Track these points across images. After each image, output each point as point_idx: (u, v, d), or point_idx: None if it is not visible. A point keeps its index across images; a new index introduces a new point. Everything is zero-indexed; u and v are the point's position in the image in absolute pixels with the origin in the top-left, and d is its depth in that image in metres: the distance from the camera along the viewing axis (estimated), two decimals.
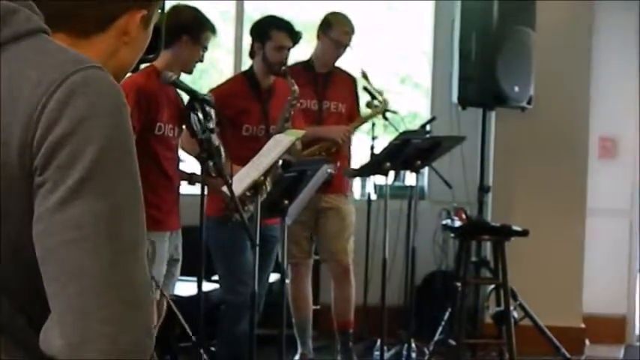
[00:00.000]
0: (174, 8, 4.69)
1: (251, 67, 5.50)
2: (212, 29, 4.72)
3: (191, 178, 4.79)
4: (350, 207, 6.06)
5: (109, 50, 1.54)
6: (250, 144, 5.10)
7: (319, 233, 6.03)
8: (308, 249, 6.05)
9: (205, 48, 4.68)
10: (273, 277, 5.79)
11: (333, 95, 6.03)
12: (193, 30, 4.60)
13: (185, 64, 4.62)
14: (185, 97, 4.59)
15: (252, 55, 5.49)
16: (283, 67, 5.33)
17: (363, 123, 6.13)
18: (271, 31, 5.36)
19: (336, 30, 5.98)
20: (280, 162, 4.76)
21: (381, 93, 6.05)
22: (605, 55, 7.13)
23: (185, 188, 4.81)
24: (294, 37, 5.40)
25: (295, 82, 5.39)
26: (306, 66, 6.03)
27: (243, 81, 5.48)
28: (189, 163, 5.03)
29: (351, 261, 6.08)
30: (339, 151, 5.91)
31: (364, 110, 6.11)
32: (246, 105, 5.36)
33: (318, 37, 6.05)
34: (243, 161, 4.69)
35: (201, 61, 4.69)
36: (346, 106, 6.06)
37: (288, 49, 5.39)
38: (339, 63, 6.11)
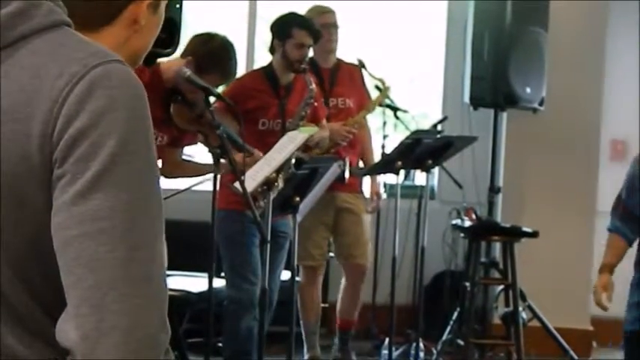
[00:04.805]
0: None
1: (270, 64, 5.50)
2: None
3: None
4: (365, 206, 6.05)
5: (120, 40, 1.55)
6: (266, 138, 5.11)
7: (339, 235, 5.99)
8: (327, 251, 6.04)
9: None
10: (284, 274, 5.79)
11: (339, 91, 5.98)
12: None
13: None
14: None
15: (271, 51, 5.49)
16: (303, 65, 5.34)
17: (366, 114, 6.01)
18: (292, 29, 5.36)
19: (316, 19, 5.94)
20: (293, 160, 4.76)
21: (381, 80, 6.01)
22: (618, 56, 7.12)
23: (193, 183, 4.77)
24: (315, 34, 5.42)
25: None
26: (310, 63, 6.00)
27: (262, 77, 5.48)
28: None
29: (369, 264, 6.09)
30: (351, 148, 5.88)
31: (368, 104, 6.05)
32: (263, 101, 5.36)
33: None
34: None
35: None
36: (354, 99, 6.01)
37: (309, 47, 5.40)
38: (342, 55, 6.10)
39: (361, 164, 6.14)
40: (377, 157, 6.17)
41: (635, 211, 4.20)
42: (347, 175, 5.62)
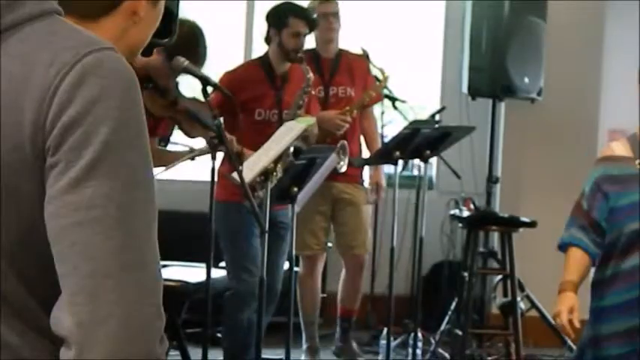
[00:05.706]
0: None
1: (266, 54, 5.51)
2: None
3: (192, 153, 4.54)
4: (365, 196, 6.04)
5: (119, 31, 1.55)
6: (263, 128, 5.11)
7: (338, 226, 6.01)
8: (325, 241, 6.04)
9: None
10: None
11: (340, 80, 5.98)
12: None
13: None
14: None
15: (267, 41, 5.49)
16: (299, 54, 5.34)
17: (364, 104, 5.96)
18: (288, 18, 5.37)
19: (317, 7, 5.92)
20: (292, 149, 4.76)
21: (381, 70, 6.00)
22: (616, 47, 7.11)
23: (195, 174, 4.77)
24: (311, 23, 5.42)
25: None
26: (312, 53, 6.00)
27: (258, 67, 5.49)
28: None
29: (367, 254, 6.10)
30: (350, 137, 5.85)
31: (366, 91, 6.03)
32: (259, 90, 5.37)
33: None
34: (255, 146, 4.68)
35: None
36: (356, 89, 5.99)
37: (305, 36, 5.40)
38: (345, 46, 6.09)
39: (368, 154, 6.13)
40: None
41: (602, 221, 3.70)
42: (344, 165, 5.37)
